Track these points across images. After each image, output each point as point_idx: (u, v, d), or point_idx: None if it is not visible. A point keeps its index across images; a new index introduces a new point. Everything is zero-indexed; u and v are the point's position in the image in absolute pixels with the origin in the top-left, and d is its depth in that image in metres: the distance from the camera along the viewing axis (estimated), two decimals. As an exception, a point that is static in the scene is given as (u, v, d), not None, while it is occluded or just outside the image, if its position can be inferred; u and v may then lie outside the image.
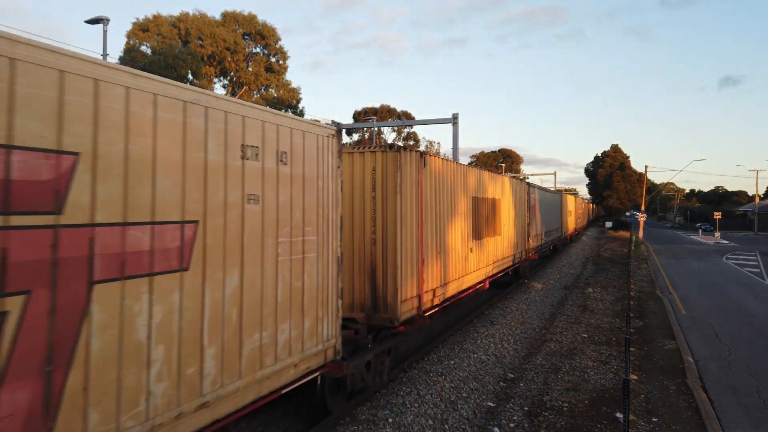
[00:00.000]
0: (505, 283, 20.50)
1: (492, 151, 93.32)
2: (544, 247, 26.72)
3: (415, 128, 61.94)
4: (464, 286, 13.22)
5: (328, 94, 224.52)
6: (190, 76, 37.64)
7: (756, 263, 32.93)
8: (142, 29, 40.07)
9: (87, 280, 4.06)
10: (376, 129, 52.02)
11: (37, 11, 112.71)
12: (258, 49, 46.04)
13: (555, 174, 73.44)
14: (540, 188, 27.52)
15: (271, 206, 6.12)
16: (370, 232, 9.53)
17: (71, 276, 3.95)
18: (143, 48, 39.47)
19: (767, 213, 75.58)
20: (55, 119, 3.86)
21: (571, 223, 42.32)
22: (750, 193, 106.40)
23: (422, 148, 62.09)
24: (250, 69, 45.03)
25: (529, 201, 22.46)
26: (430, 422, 8.36)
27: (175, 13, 48.95)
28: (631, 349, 12.21)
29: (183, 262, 4.92)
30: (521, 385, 10.44)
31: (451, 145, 28.14)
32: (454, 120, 27.58)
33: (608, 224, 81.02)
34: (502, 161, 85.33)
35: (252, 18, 44.43)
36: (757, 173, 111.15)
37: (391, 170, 9.51)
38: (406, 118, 57.53)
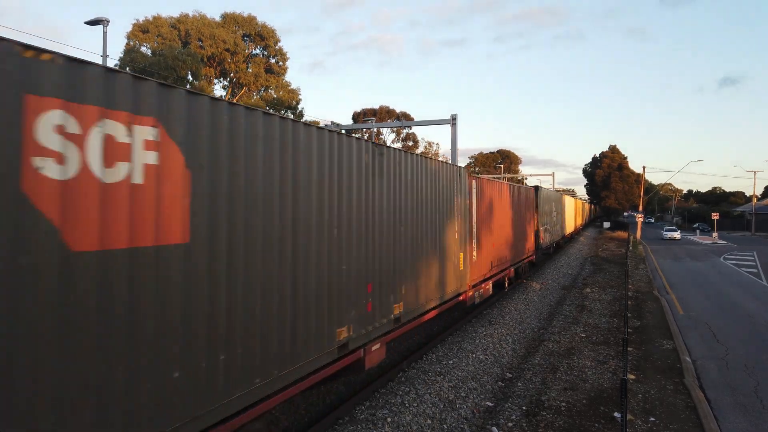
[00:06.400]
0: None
1: (490, 152, 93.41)
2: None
3: (414, 129, 62.01)
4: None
5: (327, 95, 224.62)
6: (189, 77, 37.67)
7: (753, 263, 33.03)
8: (142, 30, 40.10)
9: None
10: (374, 130, 52.07)
11: (31, 11, 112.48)
12: (258, 51, 46.09)
13: (553, 175, 73.44)
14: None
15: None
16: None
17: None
18: (143, 49, 39.50)
19: (764, 213, 75.76)
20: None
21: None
22: (748, 194, 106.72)
23: (421, 148, 62.17)
24: (250, 70, 45.07)
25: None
26: (429, 422, 8.41)
27: (175, 14, 48.99)
28: (629, 348, 12.29)
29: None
30: (519, 384, 10.50)
31: (450, 146, 28.19)
32: (452, 121, 27.63)
33: (606, 225, 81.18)
34: (501, 162, 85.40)
35: (252, 19, 44.48)
36: (755, 174, 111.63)
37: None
38: (405, 118, 57.57)
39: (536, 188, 25.20)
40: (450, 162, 14.02)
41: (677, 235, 56.99)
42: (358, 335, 8.03)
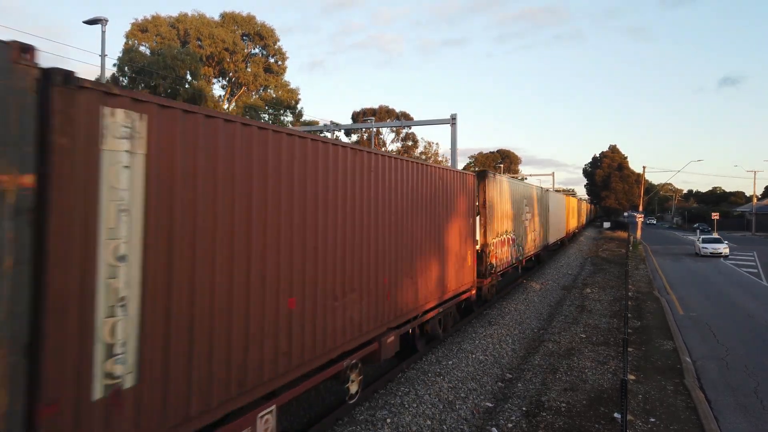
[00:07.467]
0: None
1: (490, 152, 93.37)
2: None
3: (414, 129, 61.99)
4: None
5: (327, 95, 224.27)
6: (188, 77, 37.62)
7: (754, 263, 33.00)
8: (141, 30, 40.07)
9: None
10: (374, 130, 52.07)
11: (30, 11, 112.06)
12: (257, 50, 46.08)
13: (553, 174, 73.51)
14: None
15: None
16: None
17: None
18: (142, 48, 39.46)
19: (764, 213, 75.77)
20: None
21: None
22: (748, 194, 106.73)
23: (421, 148, 62.16)
24: (249, 70, 45.04)
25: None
26: (428, 422, 8.38)
27: (174, 13, 48.98)
28: (629, 349, 12.25)
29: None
30: (519, 385, 10.46)
31: (449, 146, 28.15)
32: (452, 121, 27.60)
33: (606, 225, 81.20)
34: (500, 162, 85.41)
35: (251, 19, 44.45)
36: (755, 174, 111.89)
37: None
38: (404, 118, 57.54)
39: (480, 175, 15.82)
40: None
41: (725, 248, 36.44)
42: None
